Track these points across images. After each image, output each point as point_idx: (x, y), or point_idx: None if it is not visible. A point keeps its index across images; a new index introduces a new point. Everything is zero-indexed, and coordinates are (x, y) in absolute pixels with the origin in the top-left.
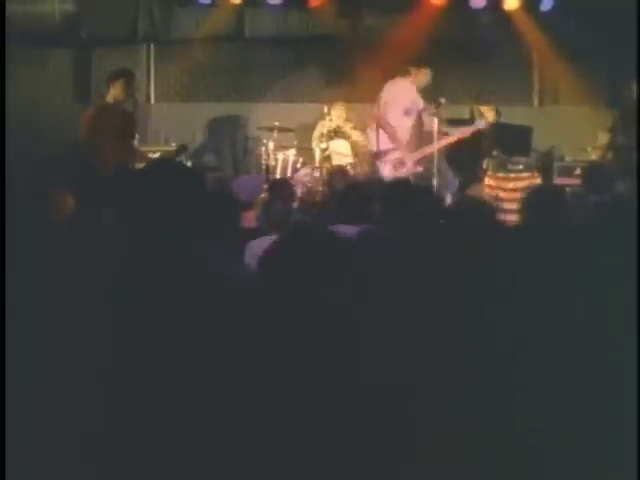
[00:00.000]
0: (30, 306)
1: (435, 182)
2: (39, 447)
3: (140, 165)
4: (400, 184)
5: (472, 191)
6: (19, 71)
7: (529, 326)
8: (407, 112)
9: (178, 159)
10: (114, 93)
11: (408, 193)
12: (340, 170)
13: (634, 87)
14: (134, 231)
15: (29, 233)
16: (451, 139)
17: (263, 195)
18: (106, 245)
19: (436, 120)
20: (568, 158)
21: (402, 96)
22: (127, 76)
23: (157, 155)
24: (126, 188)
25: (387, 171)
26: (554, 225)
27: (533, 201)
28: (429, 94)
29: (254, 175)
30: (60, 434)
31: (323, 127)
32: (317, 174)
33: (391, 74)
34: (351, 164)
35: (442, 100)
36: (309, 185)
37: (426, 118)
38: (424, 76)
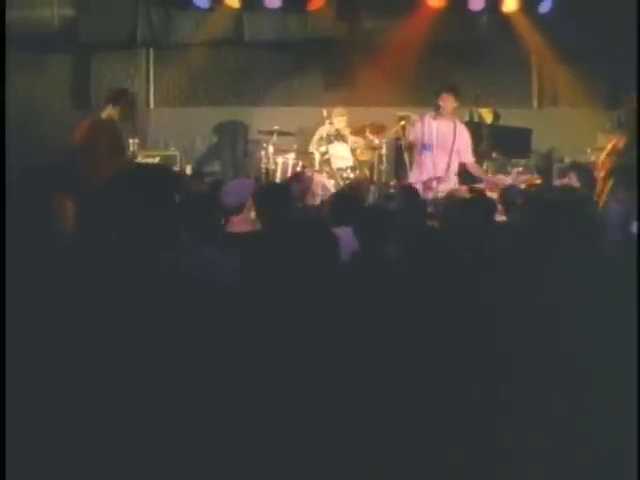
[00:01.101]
0: (27, 308)
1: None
2: (39, 448)
3: (129, 173)
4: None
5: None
6: (18, 76)
7: (528, 325)
8: (426, 147)
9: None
10: (110, 112)
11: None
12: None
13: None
14: (131, 237)
15: (27, 237)
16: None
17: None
18: (104, 250)
19: (435, 124)
20: (567, 160)
21: (427, 131)
22: (128, 100)
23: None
24: (117, 197)
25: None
26: (554, 225)
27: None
28: (428, 98)
29: (243, 179)
30: (56, 437)
31: (323, 131)
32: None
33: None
34: (351, 167)
35: (441, 103)
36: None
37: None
38: (445, 103)
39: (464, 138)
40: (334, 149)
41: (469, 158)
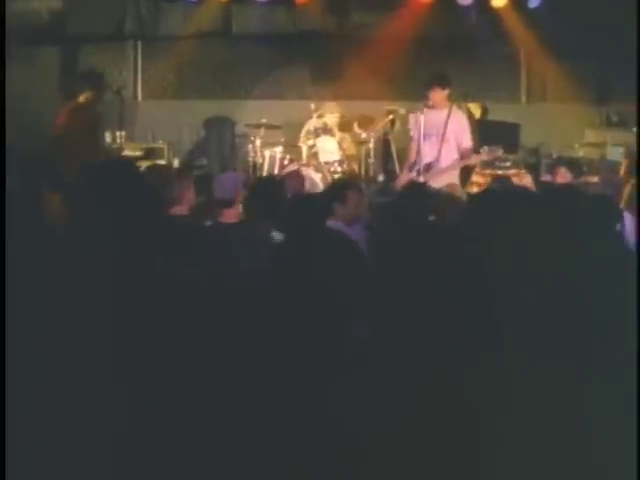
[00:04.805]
0: (23, 302)
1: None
2: (39, 447)
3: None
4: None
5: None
6: (6, 68)
7: (523, 324)
8: (426, 137)
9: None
10: (87, 96)
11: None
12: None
13: None
14: (124, 230)
15: (19, 229)
16: (466, 162)
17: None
18: (95, 242)
19: (429, 115)
20: (555, 155)
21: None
22: (98, 78)
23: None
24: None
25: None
26: (546, 222)
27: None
28: (417, 92)
29: (232, 172)
30: (56, 436)
31: (310, 124)
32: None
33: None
34: (338, 161)
35: (430, 102)
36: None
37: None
38: (432, 95)
39: (458, 123)
40: (321, 142)
41: (467, 143)
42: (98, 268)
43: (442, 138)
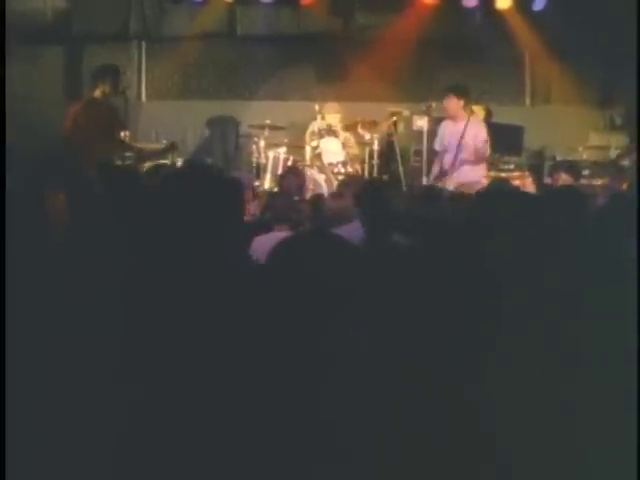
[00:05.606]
0: (24, 304)
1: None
2: (39, 447)
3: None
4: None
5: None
6: (9, 67)
7: (522, 325)
8: (445, 147)
9: (167, 157)
10: (102, 89)
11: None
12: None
13: None
14: (131, 229)
15: (19, 230)
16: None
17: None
18: (100, 241)
19: (427, 119)
20: (559, 158)
21: (442, 131)
22: (115, 72)
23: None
24: (117, 183)
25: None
26: (550, 223)
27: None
28: (421, 94)
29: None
30: (60, 435)
31: (314, 125)
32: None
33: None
34: (342, 162)
35: (433, 104)
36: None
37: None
38: (446, 104)
39: (473, 131)
40: (325, 144)
41: (480, 141)
42: (100, 269)
43: (459, 144)
